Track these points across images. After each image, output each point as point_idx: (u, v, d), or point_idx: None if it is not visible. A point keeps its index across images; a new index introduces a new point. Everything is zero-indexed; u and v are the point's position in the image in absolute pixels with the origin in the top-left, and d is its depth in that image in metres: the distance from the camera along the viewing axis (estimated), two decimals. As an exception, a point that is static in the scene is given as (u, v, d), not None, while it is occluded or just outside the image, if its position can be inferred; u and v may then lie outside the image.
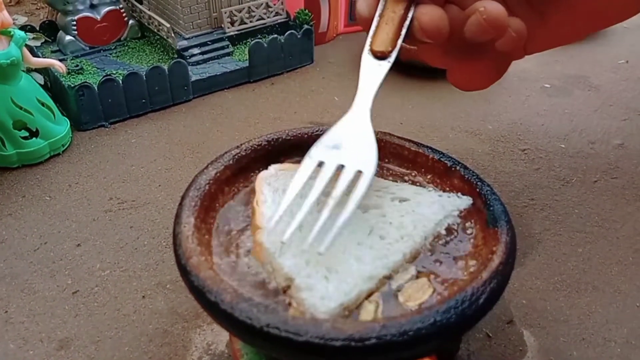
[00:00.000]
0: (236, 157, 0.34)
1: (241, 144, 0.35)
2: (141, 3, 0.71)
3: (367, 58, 0.33)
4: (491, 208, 0.31)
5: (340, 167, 0.30)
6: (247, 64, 0.68)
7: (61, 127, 0.56)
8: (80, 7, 0.67)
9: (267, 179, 0.33)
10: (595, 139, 0.58)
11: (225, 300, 0.25)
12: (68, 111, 0.59)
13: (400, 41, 0.32)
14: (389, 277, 0.28)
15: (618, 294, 0.41)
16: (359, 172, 0.29)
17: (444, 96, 0.65)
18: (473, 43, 0.33)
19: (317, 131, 0.37)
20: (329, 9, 0.76)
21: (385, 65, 0.32)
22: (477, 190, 0.32)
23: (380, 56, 0.32)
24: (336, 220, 0.27)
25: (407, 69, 0.66)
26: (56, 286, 0.43)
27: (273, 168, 0.34)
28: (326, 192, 0.29)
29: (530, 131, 0.59)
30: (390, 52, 0.32)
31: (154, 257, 0.45)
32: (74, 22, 0.67)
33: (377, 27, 0.33)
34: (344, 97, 0.66)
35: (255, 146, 0.35)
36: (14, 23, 0.52)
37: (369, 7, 0.33)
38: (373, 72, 0.32)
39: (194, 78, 0.65)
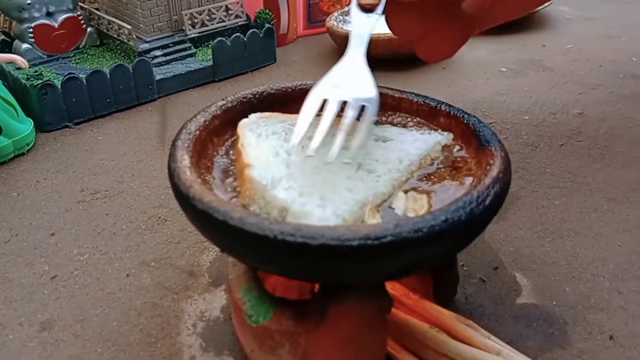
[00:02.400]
0: (223, 107, 0.34)
1: (227, 97, 0.35)
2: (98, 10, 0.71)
3: (356, 11, 0.36)
4: (481, 133, 0.31)
5: (344, 103, 0.31)
6: (212, 64, 0.68)
7: (25, 125, 0.54)
8: (37, 14, 0.66)
9: (249, 126, 0.33)
10: (556, 110, 0.60)
11: (235, 216, 0.24)
12: (31, 112, 0.57)
13: None
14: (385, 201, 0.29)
15: (599, 236, 0.42)
16: (363, 106, 0.31)
17: (409, 83, 0.67)
18: (444, 3, 0.37)
19: (300, 85, 0.37)
20: (288, 11, 0.77)
21: (374, 17, 0.35)
22: (465, 122, 0.33)
23: (368, 9, 0.36)
24: (353, 139, 0.30)
25: (375, 63, 0.68)
26: (32, 273, 0.40)
27: (254, 116, 0.34)
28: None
29: (494, 107, 0.61)
30: (377, 4, 0.35)
31: (134, 240, 0.43)
32: (31, 30, 0.66)
33: None
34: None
35: (241, 98, 0.35)
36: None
37: None
38: (363, 22, 0.35)
39: (158, 77, 0.64)
